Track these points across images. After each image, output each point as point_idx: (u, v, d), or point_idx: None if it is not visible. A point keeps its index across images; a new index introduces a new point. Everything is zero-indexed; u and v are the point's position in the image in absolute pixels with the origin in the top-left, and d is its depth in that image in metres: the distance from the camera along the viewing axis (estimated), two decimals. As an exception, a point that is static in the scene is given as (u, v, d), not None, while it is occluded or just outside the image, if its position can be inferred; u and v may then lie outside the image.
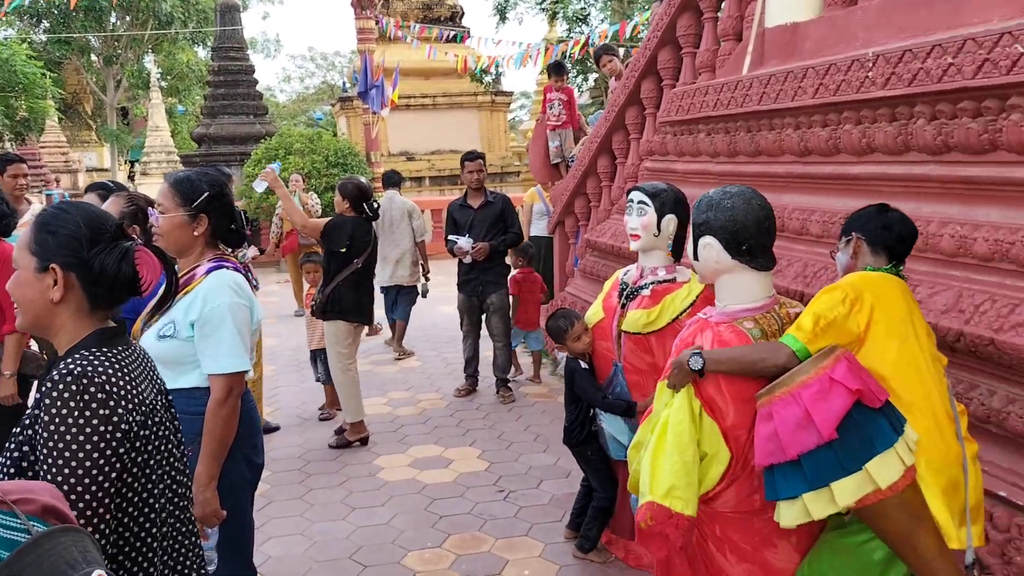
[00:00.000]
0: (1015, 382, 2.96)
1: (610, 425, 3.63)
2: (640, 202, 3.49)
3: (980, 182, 3.20)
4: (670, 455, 2.37)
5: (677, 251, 3.52)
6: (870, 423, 2.15)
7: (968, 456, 2.34)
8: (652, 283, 3.52)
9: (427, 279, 8.35)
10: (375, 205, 5.70)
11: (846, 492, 2.13)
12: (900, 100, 3.51)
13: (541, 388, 6.86)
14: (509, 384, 6.72)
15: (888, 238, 2.60)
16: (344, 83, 26.01)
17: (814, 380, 2.17)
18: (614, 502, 3.88)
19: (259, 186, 10.45)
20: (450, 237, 6.47)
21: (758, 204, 2.54)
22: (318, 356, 6.25)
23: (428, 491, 4.78)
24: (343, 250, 5.45)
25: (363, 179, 5.89)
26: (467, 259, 6.43)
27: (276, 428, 5.97)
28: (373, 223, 5.69)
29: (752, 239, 2.50)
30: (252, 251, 6.33)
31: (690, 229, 2.67)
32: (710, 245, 2.54)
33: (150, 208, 3.27)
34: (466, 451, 5.43)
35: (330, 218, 5.63)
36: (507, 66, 17.28)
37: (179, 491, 1.92)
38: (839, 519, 2.38)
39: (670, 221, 3.46)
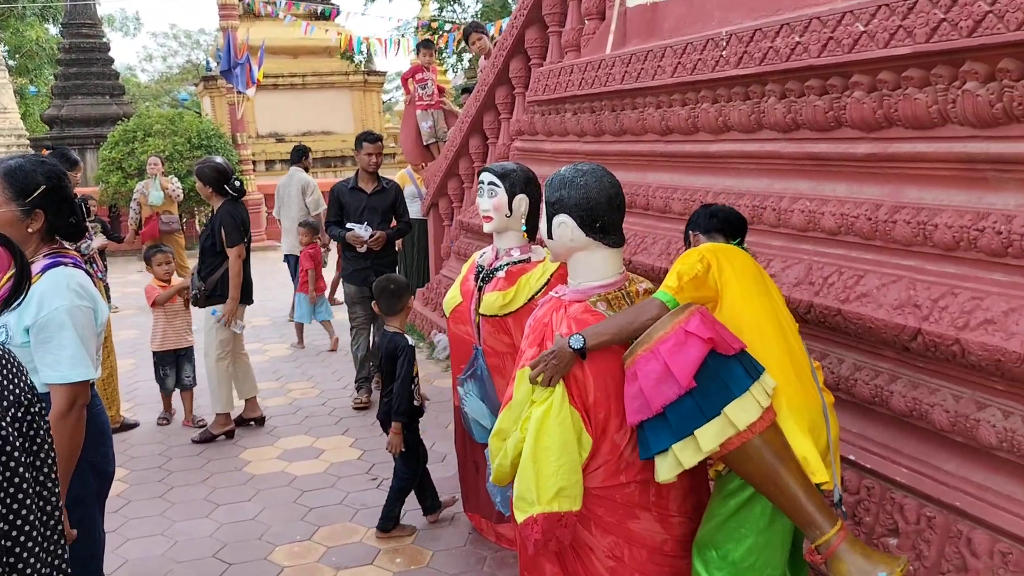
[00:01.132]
0: (861, 350, 3.09)
1: (473, 409, 3.60)
2: (490, 183, 3.46)
3: (827, 158, 3.31)
4: (557, 456, 2.36)
5: (531, 231, 3.51)
6: (725, 370, 2.22)
7: (827, 404, 2.46)
8: (507, 264, 3.50)
9: (327, 250, 8.88)
10: (237, 183, 5.39)
11: (709, 437, 2.20)
12: (752, 79, 3.59)
13: (416, 372, 6.77)
14: None
15: (716, 223, 2.88)
16: (208, 62, 25.01)
17: (670, 334, 2.24)
18: (414, 481, 4.01)
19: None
20: (350, 224, 5.90)
21: (609, 182, 2.58)
22: (184, 356, 5.74)
23: (297, 483, 4.64)
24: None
25: (219, 158, 5.57)
26: (362, 248, 5.88)
27: (135, 425, 5.67)
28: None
29: (605, 216, 2.54)
30: (99, 240, 5.93)
31: (540, 205, 2.67)
32: (565, 223, 2.55)
33: None
34: (338, 440, 5.30)
35: (220, 224, 5.25)
36: (395, 48, 16.96)
37: (50, 502, 1.73)
38: (722, 485, 2.46)
39: (521, 201, 3.45)
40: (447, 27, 16.12)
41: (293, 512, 4.28)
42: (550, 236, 2.61)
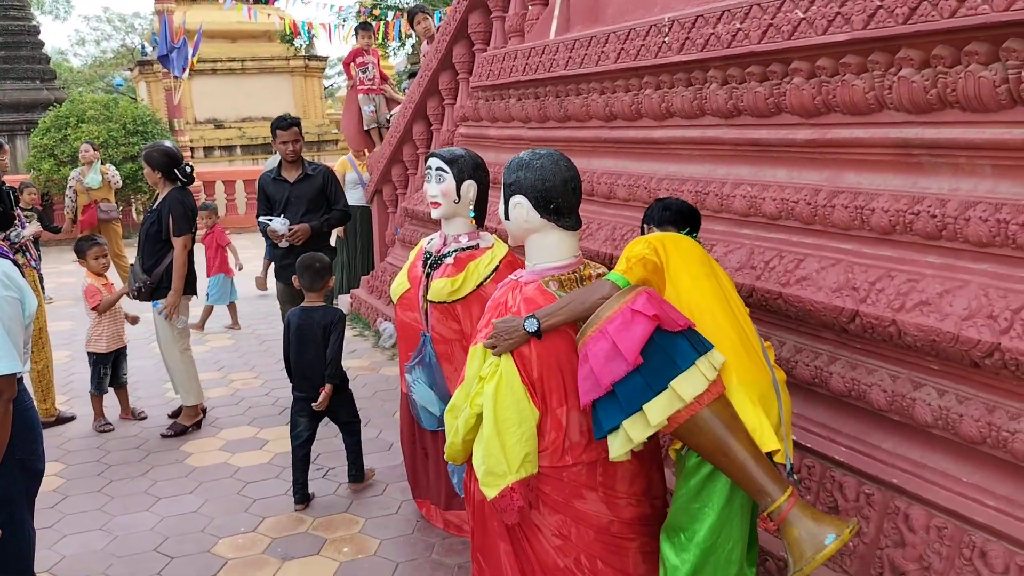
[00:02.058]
0: (802, 332, 3.14)
1: (421, 396, 3.58)
2: (438, 169, 3.43)
3: (767, 144, 3.36)
4: (518, 425, 2.45)
5: (479, 217, 3.49)
6: (671, 345, 2.27)
7: (779, 380, 2.53)
8: (455, 251, 3.48)
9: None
10: (188, 168, 5.24)
11: (656, 411, 2.24)
12: (695, 65, 3.62)
13: (363, 361, 6.72)
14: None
15: (668, 215, 2.95)
16: (143, 46, 24.36)
17: (617, 314, 2.29)
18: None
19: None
20: (260, 219, 5.49)
21: (565, 165, 2.65)
22: (121, 354, 5.50)
23: (241, 474, 4.57)
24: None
25: (168, 143, 5.43)
26: (283, 243, 5.44)
27: (72, 418, 5.51)
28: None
29: (560, 198, 2.59)
30: (31, 228, 5.73)
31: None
32: (520, 204, 2.61)
33: None
34: (283, 431, 5.20)
35: (169, 211, 5.06)
36: (339, 32, 16.69)
37: None
38: (683, 464, 2.50)
39: (469, 187, 3.43)
40: (390, 14, 15.92)
41: (237, 504, 4.21)
42: (507, 217, 2.68)
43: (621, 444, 2.32)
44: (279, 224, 5.40)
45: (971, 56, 2.51)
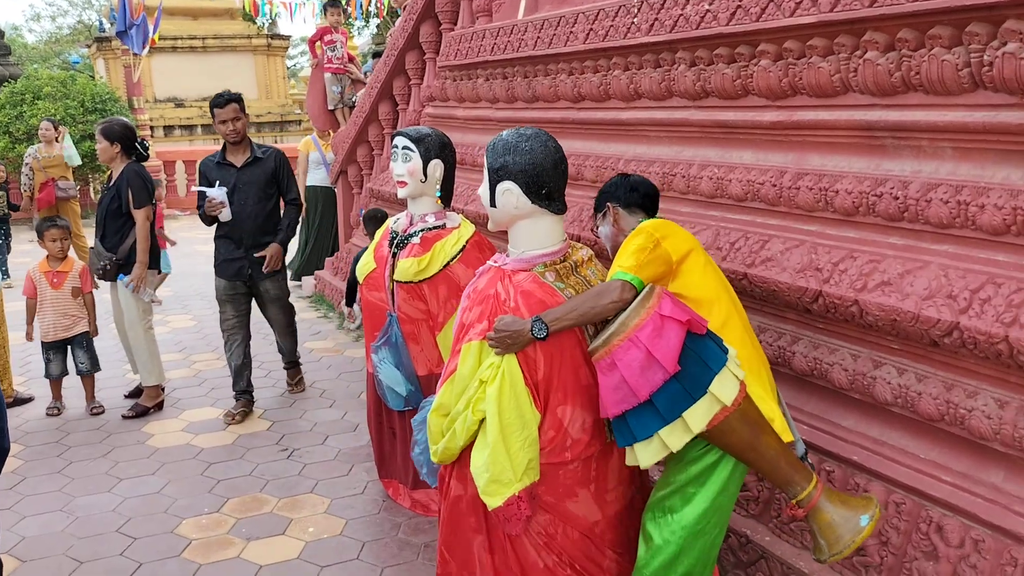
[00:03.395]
0: (765, 312, 3.18)
1: (387, 376, 3.57)
2: (405, 147, 3.40)
3: (734, 126, 3.38)
4: (520, 430, 2.33)
5: (446, 197, 3.47)
6: (702, 348, 2.20)
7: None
8: (422, 230, 3.46)
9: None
10: (146, 144, 5.24)
11: (698, 418, 2.18)
12: (663, 46, 3.63)
13: (327, 343, 6.69)
14: (299, 363, 5.61)
15: (638, 197, 2.82)
16: (101, 22, 23.83)
17: (647, 321, 2.18)
18: None
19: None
20: (196, 188, 4.97)
21: (553, 147, 2.50)
22: (76, 343, 5.28)
23: (204, 455, 4.53)
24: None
25: (124, 119, 5.39)
26: (224, 215, 4.87)
27: (30, 399, 5.43)
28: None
29: (551, 182, 2.46)
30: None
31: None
32: (510, 191, 2.45)
33: None
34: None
35: (127, 184, 4.96)
36: (299, 9, 16.48)
37: None
38: (682, 454, 2.41)
39: (436, 166, 3.40)
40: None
41: (200, 485, 4.17)
42: (493, 204, 2.52)
43: (655, 452, 2.24)
44: (218, 192, 4.86)
45: (935, 40, 2.55)
